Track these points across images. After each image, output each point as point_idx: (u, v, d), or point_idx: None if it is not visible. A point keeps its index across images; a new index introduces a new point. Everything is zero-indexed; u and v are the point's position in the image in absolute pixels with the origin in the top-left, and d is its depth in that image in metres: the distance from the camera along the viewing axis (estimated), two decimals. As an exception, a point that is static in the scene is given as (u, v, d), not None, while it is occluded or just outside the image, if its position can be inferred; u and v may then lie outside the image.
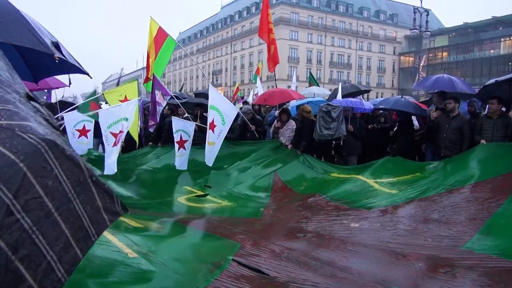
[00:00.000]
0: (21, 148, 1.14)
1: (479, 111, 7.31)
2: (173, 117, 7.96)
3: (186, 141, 7.49)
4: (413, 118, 7.81)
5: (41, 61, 3.60)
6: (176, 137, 7.43)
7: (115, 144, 6.31)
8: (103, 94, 7.31)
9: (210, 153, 6.96)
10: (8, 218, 1.07)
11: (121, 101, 7.20)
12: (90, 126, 7.57)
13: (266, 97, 9.35)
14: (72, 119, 7.28)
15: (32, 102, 1.42)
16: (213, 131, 6.96)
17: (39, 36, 2.77)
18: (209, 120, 7.03)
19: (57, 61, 2.90)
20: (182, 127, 7.58)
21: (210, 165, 7.00)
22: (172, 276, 2.91)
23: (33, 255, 1.14)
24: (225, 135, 7.12)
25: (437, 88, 7.30)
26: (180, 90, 21.51)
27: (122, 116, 6.37)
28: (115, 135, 6.28)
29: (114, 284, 2.70)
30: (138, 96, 7.73)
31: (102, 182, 1.47)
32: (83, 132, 7.51)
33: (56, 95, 10.35)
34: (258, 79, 13.53)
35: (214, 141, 6.96)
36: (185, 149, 7.48)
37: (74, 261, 1.30)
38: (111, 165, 6.23)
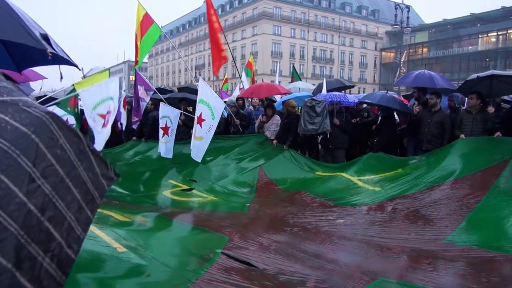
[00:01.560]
0: (29, 121, 1.24)
1: (459, 106, 7.48)
2: (161, 103, 7.90)
3: (169, 127, 7.43)
4: (394, 112, 7.94)
5: (25, 49, 3.36)
6: (162, 123, 7.39)
7: (104, 126, 5.94)
8: (73, 85, 7.10)
9: (198, 148, 6.85)
10: (32, 184, 1.19)
11: None
12: (73, 120, 7.42)
13: (253, 90, 9.31)
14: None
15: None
16: (201, 125, 6.87)
17: (29, 30, 2.62)
18: (196, 114, 6.92)
19: (50, 57, 2.75)
20: (168, 114, 7.56)
21: (199, 161, 6.92)
22: (162, 269, 2.92)
23: (57, 216, 1.27)
24: (215, 129, 7.05)
25: (418, 84, 7.43)
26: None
27: (106, 96, 6.00)
28: (103, 116, 5.92)
29: (106, 278, 2.69)
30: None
31: (97, 150, 1.58)
32: None
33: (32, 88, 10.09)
34: (243, 73, 13.43)
35: (203, 136, 6.85)
36: (168, 136, 7.41)
37: (87, 221, 1.44)
38: (98, 146, 5.88)
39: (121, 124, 9.01)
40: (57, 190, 1.29)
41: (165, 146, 7.41)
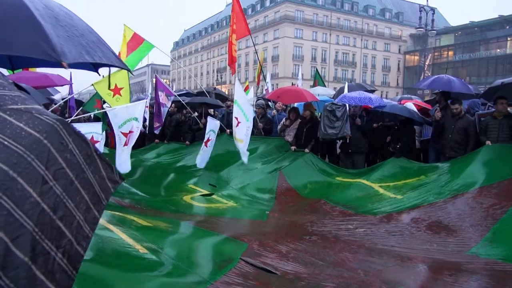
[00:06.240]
0: (42, 128, 1.34)
1: (477, 111, 7.29)
2: (209, 117, 8.06)
3: (211, 140, 7.57)
4: None
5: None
6: (207, 137, 7.49)
7: (125, 144, 6.25)
8: (92, 84, 7.25)
9: (242, 150, 6.84)
10: (45, 185, 1.29)
11: (111, 89, 7.18)
12: (98, 137, 7.55)
13: (280, 94, 8.97)
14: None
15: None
16: (238, 127, 6.90)
17: (47, 39, 2.20)
18: (234, 115, 6.96)
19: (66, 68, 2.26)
20: (215, 127, 7.67)
21: (246, 162, 6.91)
22: (182, 269, 3.00)
23: (67, 215, 1.38)
24: (251, 131, 7.07)
25: (434, 87, 7.29)
26: None
27: (132, 116, 6.31)
28: (125, 134, 6.20)
29: (128, 275, 2.78)
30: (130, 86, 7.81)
31: (103, 155, 1.69)
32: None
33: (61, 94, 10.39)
34: (268, 75, 13.44)
35: (242, 138, 6.89)
36: (207, 147, 7.52)
37: (95, 220, 1.54)
38: (123, 164, 6.21)
39: (144, 127, 9.17)
40: (67, 191, 1.39)
41: (201, 157, 7.49)
